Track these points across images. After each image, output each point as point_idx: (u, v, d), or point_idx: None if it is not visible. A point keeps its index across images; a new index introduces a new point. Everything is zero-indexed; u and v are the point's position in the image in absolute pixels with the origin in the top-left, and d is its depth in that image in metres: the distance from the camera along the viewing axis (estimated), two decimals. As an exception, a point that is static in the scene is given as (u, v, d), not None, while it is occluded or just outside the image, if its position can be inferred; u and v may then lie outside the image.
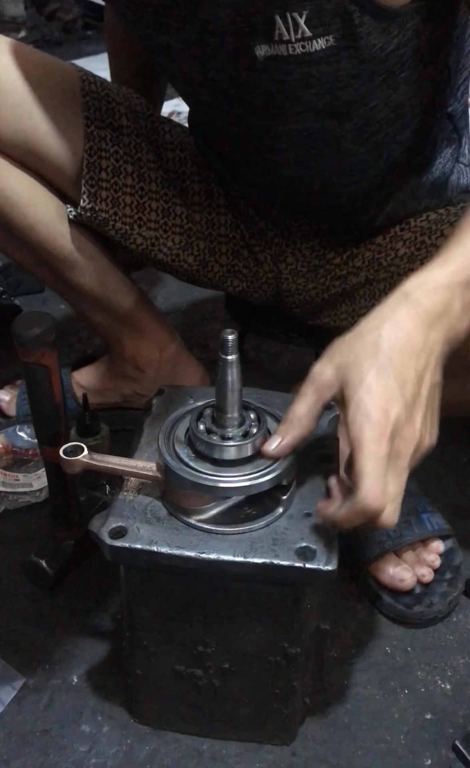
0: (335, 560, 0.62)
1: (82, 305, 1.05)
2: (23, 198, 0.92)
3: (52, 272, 1.00)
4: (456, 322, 0.63)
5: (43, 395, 0.79)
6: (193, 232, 0.99)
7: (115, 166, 0.93)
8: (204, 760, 0.76)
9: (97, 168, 0.92)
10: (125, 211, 0.95)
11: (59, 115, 0.89)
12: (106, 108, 0.93)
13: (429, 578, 0.88)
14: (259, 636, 0.68)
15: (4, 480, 1.05)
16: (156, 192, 0.96)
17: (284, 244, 0.99)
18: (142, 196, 0.95)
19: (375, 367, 0.59)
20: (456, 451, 1.13)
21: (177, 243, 0.99)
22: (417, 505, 0.93)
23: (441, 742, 0.77)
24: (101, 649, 0.85)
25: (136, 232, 0.96)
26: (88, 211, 0.93)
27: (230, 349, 0.62)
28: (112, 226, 0.95)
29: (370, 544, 0.90)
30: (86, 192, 0.92)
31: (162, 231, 0.97)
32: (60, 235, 0.95)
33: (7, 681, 0.82)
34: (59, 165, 0.92)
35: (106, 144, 0.92)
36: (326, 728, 0.78)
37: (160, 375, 1.09)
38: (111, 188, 0.93)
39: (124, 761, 0.76)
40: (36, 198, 0.93)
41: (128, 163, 0.94)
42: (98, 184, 0.92)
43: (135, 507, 0.67)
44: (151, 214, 0.96)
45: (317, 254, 0.99)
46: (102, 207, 0.93)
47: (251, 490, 0.64)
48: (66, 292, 1.04)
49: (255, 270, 1.03)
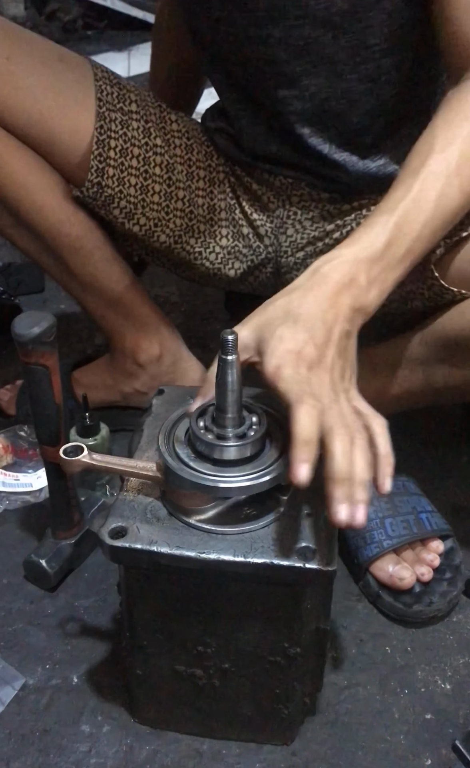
0: (335, 560, 0.62)
1: (84, 296, 1.05)
2: (32, 180, 0.94)
3: (56, 259, 1.01)
4: (363, 294, 0.69)
5: (43, 395, 0.79)
6: (194, 216, 1.01)
7: (123, 147, 0.95)
8: (204, 760, 0.76)
9: (106, 147, 0.94)
10: (130, 191, 0.96)
11: (71, 98, 0.92)
12: (117, 93, 0.96)
13: (429, 577, 0.88)
14: (259, 636, 0.68)
15: (4, 480, 1.05)
16: (159, 176, 0.98)
17: (285, 216, 1.01)
18: (146, 178, 0.97)
19: (286, 323, 0.66)
20: (456, 451, 1.13)
21: (178, 225, 1.01)
22: (417, 505, 0.93)
23: (441, 742, 0.77)
24: (101, 649, 0.85)
25: (139, 212, 0.98)
26: (95, 186, 0.95)
27: (230, 349, 0.62)
28: (117, 203, 0.97)
29: (369, 543, 0.90)
30: (94, 167, 0.94)
31: (164, 213, 0.99)
32: (66, 219, 0.97)
33: (7, 681, 0.82)
34: (69, 146, 0.94)
35: (116, 126, 0.94)
36: (326, 728, 0.78)
37: (160, 371, 1.09)
38: (118, 167, 0.95)
39: (124, 761, 0.76)
40: (44, 181, 0.95)
41: (135, 146, 0.96)
42: (106, 162, 0.94)
43: (135, 507, 0.67)
44: (154, 197, 0.98)
45: (317, 226, 1.00)
46: (108, 183, 0.95)
47: (251, 490, 0.64)
48: (69, 282, 1.05)
49: (257, 246, 1.04)
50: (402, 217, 0.71)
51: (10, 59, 0.89)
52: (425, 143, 0.75)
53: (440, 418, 1.19)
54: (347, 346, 0.68)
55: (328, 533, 0.65)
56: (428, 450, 1.12)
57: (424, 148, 0.74)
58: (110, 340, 1.09)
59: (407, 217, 0.71)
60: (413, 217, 0.72)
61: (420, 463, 1.09)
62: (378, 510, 0.92)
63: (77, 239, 0.98)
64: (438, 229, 0.74)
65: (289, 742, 0.77)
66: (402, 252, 0.71)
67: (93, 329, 1.36)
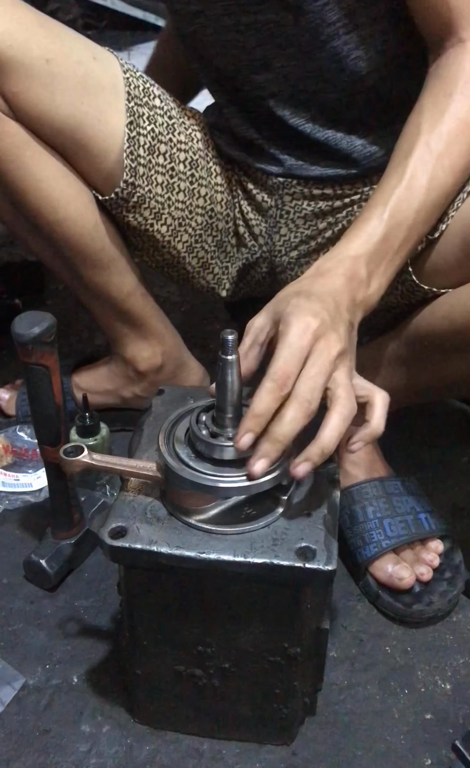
0: (335, 560, 0.62)
1: (93, 303, 1.04)
2: (56, 191, 0.91)
3: (69, 268, 1.00)
4: (364, 287, 0.72)
5: (43, 395, 0.79)
6: (214, 213, 1.01)
7: (150, 144, 0.93)
8: (204, 760, 0.76)
9: (136, 144, 0.91)
10: (157, 190, 0.95)
11: (105, 102, 0.89)
12: (143, 87, 0.93)
13: (428, 577, 0.88)
14: (259, 636, 0.68)
15: (4, 480, 1.05)
16: (183, 173, 0.97)
17: (278, 215, 1.01)
18: (172, 176, 0.95)
19: (300, 296, 0.68)
20: (456, 451, 1.13)
21: (199, 224, 1.00)
22: (416, 505, 0.93)
23: (441, 742, 0.77)
24: (101, 649, 0.85)
25: (166, 212, 0.96)
26: (129, 186, 0.92)
27: (230, 349, 0.62)
28: (147, 203, 0.94)
29: (368, 543, 0.90)
30: (127, 166, 0.91)
31: (188, 212, 0.98)
32: (87, 233, 0.95)
33: (7, 681, 0.81)
34: (101, 151, 0.90)
35: (143, 122, 0.92)
36: (326, 728, 0.78)
37: (160, 379, 1.09)
38: (146, 165, 0.93)
39: (124, 761, 0.76)
40: (68, 192, 0.92)
41: (162, 142, 0.94)
42: (137, 160, 0.92)
43: (135, 507, 0.67)
44: (179, 195, 0.97)
45: (309, 224, 1.00)
46: (140, 183, 0.93)
47: (251, 490, 0.64)
48: (79, 289, 1.04)
49: (251, 245, 1.04)
50: (395, 207, 0.74)
51: (49, 62, 0.84)
52: (412, 125, 0.76)
53: (440, 418, 1.19)
54: (350, 336, 0.69)
55: (328, 533, 0.65)
56: (428, 450, 1.12)
57: (412, 130, 0.76)
58: (113, 345, 1.09)
59: (401, 206, 0.74)
60: (407, 205, 0.74)
61: (420, 463, 1.09)
62: (376, 510, 0.92)
63: (96, 252, 0.96)
64: (432, 212, 0.76)
65: (289, 742, 0.77)
66: (399, 242, 0.74)
67: (93, 329, 1.37)
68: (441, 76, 0.77)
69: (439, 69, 0.78)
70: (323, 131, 0.93)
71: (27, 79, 0.83)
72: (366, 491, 0.93)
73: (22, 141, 0.87)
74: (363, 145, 0.93)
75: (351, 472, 0.96)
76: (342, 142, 0.93)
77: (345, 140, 0.93)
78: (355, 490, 0.94)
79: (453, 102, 0.75)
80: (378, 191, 0.75)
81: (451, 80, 0.76)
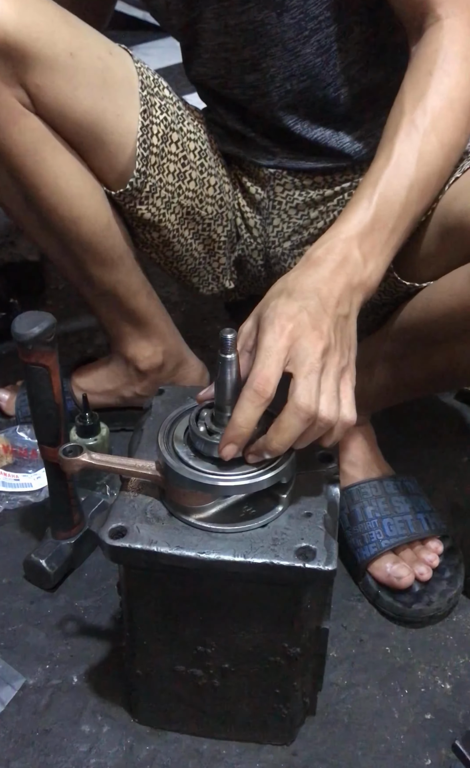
0: (335, 560, 0.62)
1: (96, 301, 1.04)
2: (72, 188, 0.91)
3: (78, 266, 0.99)
4: (359, 269, 0.69)
5: (43, 395, 0.79)
6: (223, 203, 1.01)
7: (163, 132, 0.93)
8: (204, 760, 0.76)
9: (150, 132, 0.91)
10: (168, 178, 0.95)
11: (122, 97, 0.89)
12: (153, 78, 0.93)
13: (428, 576, 0.88)
14: (259, 636, 0.68)
15: (4, 480, 1.05)
16: (193, 162, 0.97)
17: (271, 207, 1.01)
18: (184, 165, 0.96)
19: (280, 297, 0.66)
20: (456, 451, 1.13)
21: (209, 213, 1.00)
22: (416, 505, 0.93)
23: (441, 742, 0.77)
24: (101, 649, 0.85)
25: (176, 201, 0.96)
26: (142, 176, 0.92)
27: (229, 348, 0.62)
28: (159, 192, 0.94)
29: (367, 543, 0.90)
30: (140, 155, 0.91)
31: (198, 201, 0.99)
32: (100, 231, 0.94)
33: (7, 681, 0.81)
34: (118, 146, 0.90)
35: (156, 111, 0.92)
36: (326, 728, 0.78)
37: (161, 377, 1.09)
38: (159, 154, 0.93)
39: (124, 761, 0.76)
40: (85, 189, 0.92)
41: (173, 131, 0.94)
42: (149, 149, 0.92)
43: (135, 507, 0.67)
44: (190, 183, 0.97)
45: (302, 214, 1.01)
46: (151, 172, 0.93)
47: (250, 489, 0.64)
48: (83, 286, 1.03)
49: (247, 237, 1.05)
50: (385, 187, 0.72)
51: (74, 56, 0.83)
52: (397, 107, 0.75)
53: (440, 417, 1.19)
54: (345, 326, 0.67)
55: (328, 533, 0.65)
56: (428, 450, 1.12)
57: (396, 112, 0.75)
58: (114, 344, 1.09)
59: (391, 185, 0.72)
60: (397, 183, 0.72)
61: (420, 463, 1.09)
62: (376, 510, 0.92)
63: (106, 250, 0.96)
64: (425, 190, 0.74)
65: (289, 742, 0.77)
66: (393, 221, 0.72)
67: (93, 329, 1.36)
68: (420, 55, 0.76)
69: (418, 49, 0.77)
70: (312, 131, 0.94)
71: (51, 73, 0.83)
72: (366, 491, 0.93)
73: (42, 136, 0.87)
74: (352, 141, 0.94)
75: (349, 473, 0.96)
76: (331, 140, 0.94)
77: (334, 138, 0.94)
78: (354, 490, 0.94)
79: (433, 79, 0.74)
80: (367, 174, 0.74)
81: (430, 58, 0.75)
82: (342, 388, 0.65)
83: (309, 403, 0.61)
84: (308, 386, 0.61)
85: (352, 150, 0.95)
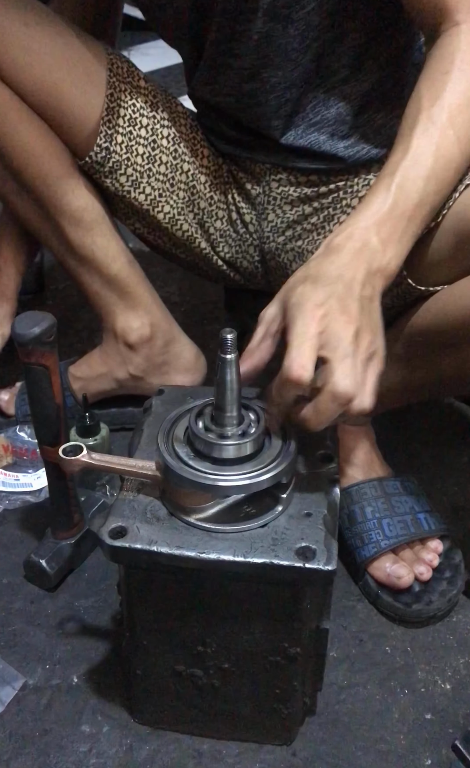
0: (335, 560, 0.62)
1: (80, 271, 1.06)
2: (38, 149, 0.96)
3: (56, 231, 1.03)
4: (379, 255, 0.70)
5: (43, 395, 0.79)
6: (196, 191, 1.04)
7: (132, 117, 0.97)
8: (204, 760, 0.76)
9: (116, 115, 0.96)
10: (137, 159, 0.99)
11: (84, 72, 0.94)
12: (127, 69, 0.98)
13: (427, 576, 0.88)
14: (259, 636, 0.68)
15: (4, 480, 1.05)
16: (166, 148, 1.01)
17: (266, 202, 1.03)
18: (153, 148, 0.99)
19: (306, 283, 0.67)
20: (456, 451, 1.13)
21: (181, 198, 1.03)
22: (415, 505, 0.93)
23: (441, 742, 0.77)
24: (101, 649, 0.85)
25: (145, 181, 1.00)
26: (104, 151, 0.96)
27: (229, 348, 0.63)
28: (124, 170, 0.99)
29: (367, 543, 0.90)
30: (103, 132, 0.96)
31: (169, 184, 1.02)
32: (70, 190, 0.99)
33: (7, 681, 0.82)
34: (79, 118, 0.95)
35: (126, 96, 0.97)
36: (326, 728, 0.78)
37: (151, 353, 1.09)
38: (126, 135, 0.97)
39: (124, 761, 0.76)
40: (52, 150, 0.97)
41: (144, 116, 0.98)
42: (115, 129, 0.96)
43: (135, 507, 0.67)
44: (161, 167, 1.01)
45: (296, 210, 1.02)
46: (116, 150, 0.97)
47: (250, 489, 0.64)
48: (66, 256, 1.05)
49: (243, 232, 1.07)
50: (403, 177, 0.72)
51: (28, 26, 0.90)
52: (413, 104, 0.76)
53: (440, 417, 1.19)
54: (371, 309, 0.68)
55: (328, 533, 0.65)
56: (428, 450, 1.12)
57: (413, 109, 0.76)
58: (101, 320, 1.10)
59: (408, 176, 0.72)
60: (414, 174, 0.73)
61: (420, 463, 1.09)
62: (375, 510, 0.92)
63: (79, 210, 1.00)
64: (443, 183, 0.75)
65: (289, 742, 0.77)
66: (410, 209, 0.72)
67: (93, 329, 1.36)
68: (436, 56, 0.77)
69: (435, 51, 0.77)
70: (306, 137, 0.95)
71: (6, 41, 0.90)
72: (365, 491, 0.93)
73: (7, 99, 0.93)
74: (346, 147, 0.95)
75: (349, 473, 0.96)
76: (324, 145, 0.95)
77: (328, 143, 0.95)
78: (354, 491, 0.94)
79: (451, 79, 0.74)
80: (386, 166, 0.74)
81: (448, 59, 0.76)
82: (368, 374, 0.66)
83: (347, 389, 0.62)
84: (345, 372, 0.62)
85: (346, 154, 0.95)
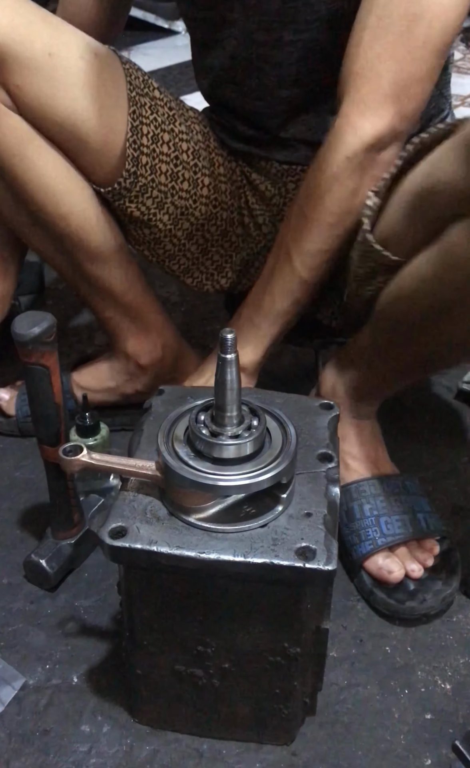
0: (335, 560, 0.62)
1: (93, 298, 1.05)
2: (59, 186, 0.92)
3: (71, 262, 1.00)
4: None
5: (43, 395, 0.79)
6: (218, 203, 1.02)
7: (154, 133, 0.94)
8: (204, 760, 0.76)
9: (139, 133, 0.92)
10: (161, 179, 0.96)
11: (106, 96, 0.90)
12: (142, 78, 0.95)
13: (418, 574, 0.88)
14: (259, 636, 0.68)
15: None
16: (187, 162, 0.98)
17: (281, 204, 1.02)
18: (176, 165, 0.97)
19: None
20: (456, 451, 1.13)
21: (203, 213, 1.01)
22: (415, 505, 0.93)
23: (441, 742, 0.77)
24: (101, 649, 0.85)
25: (169, 201, 0.97)
26: (131, 176, 0.93)
27: (229, 348, 0.62)
28: (150, 192, 0.95)
29: (364, 540, 0.90)
30: (130, 156, 0.92)
31: (192, 201, 0.99)
32: (89, 227, 0.96)
33: (7, 681, 0.82)
34: (101, 145, 0.91)
35: (146, 111, 0.93)
36: (326, 728, 0.78)
37: (161, 372, 1.10)
38: (150, 155, 0.94)
39: (124, 761, 0.76)
40: (71, 186, 0.93)
41: (165, 131, 0.95)
42: (140, 150, 0.93)
43: (135, 507, 0.67)
44: (183, 184, 0.98)
45: None
46: (142, 173, 0.94)
47: (250, 489, 0.64)
48: (79, 283, 1.04)
49: (256, 235, 1.06)
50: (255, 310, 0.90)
51: (52, 55, 0.85)
52: (281, 247, 0.88)
53: (440, 417, 1.19)
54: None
55: (328, 533, 0.64)
56: (428, 450, 1.12)
57: (282, 251, 0.88)
58: (112, 341, 1.09)
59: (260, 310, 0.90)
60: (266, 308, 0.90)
61: (420, 463, 1.09)
62: (374, 508, 0.92)
63: (98, 246, 0.97)
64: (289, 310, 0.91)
65: (289, 742, 0.77)
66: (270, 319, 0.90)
67: (93, 329, 1.37)
68: (308, 181, 0.84)
69: (316, 162, 0.83)
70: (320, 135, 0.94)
71: (30, 73, 0.84)
72: (364, 489, 0.93)
73: (25, 135, 0.88)
74: None
75: (352, 465, 0.95)
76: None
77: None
78: (353, 488, 0.94)
79: (300, 228, 0.84)
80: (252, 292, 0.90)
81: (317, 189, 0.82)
82: None
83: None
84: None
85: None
